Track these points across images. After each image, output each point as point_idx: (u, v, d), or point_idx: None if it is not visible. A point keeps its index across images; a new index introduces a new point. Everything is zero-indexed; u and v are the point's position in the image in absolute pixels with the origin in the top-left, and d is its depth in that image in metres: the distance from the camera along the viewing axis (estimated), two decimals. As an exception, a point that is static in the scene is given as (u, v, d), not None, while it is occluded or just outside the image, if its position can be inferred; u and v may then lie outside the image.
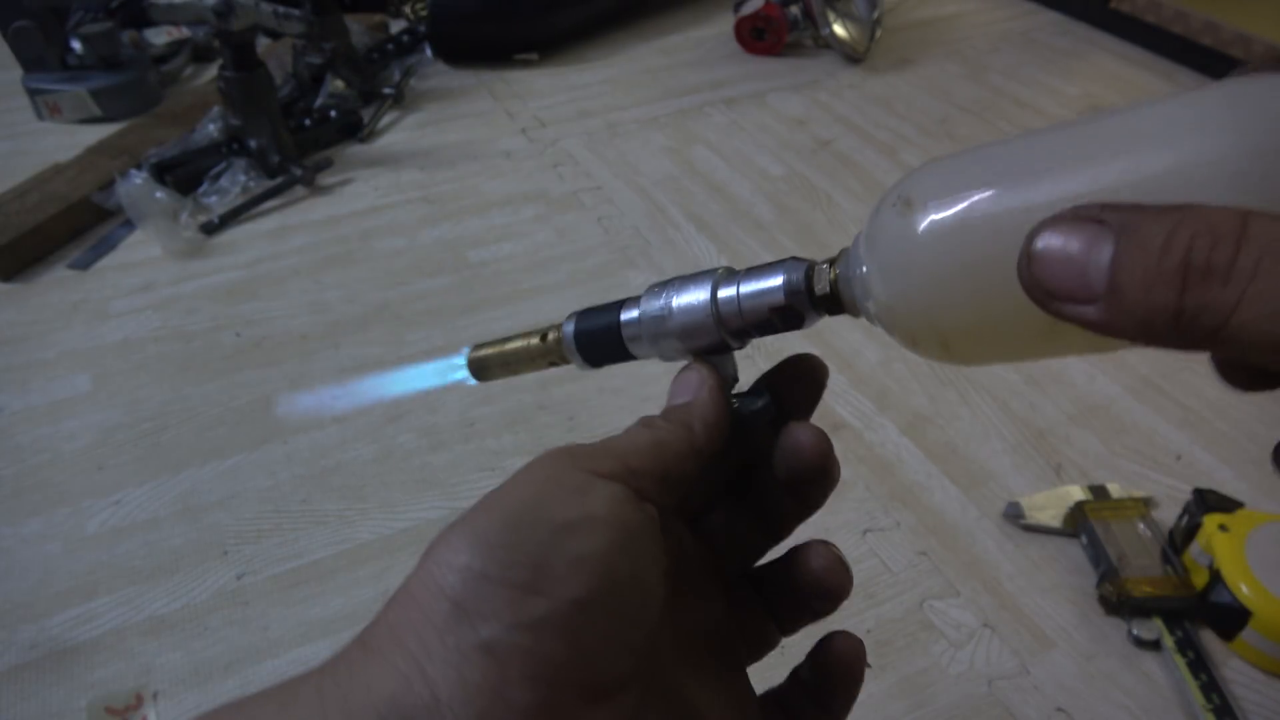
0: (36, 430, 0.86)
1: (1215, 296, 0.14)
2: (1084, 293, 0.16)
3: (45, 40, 1.32)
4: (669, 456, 0.24)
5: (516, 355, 0.30)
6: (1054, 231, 0.16)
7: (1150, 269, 0.15)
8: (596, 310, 0.29)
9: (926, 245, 0.21)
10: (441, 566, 0.19)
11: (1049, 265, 0.16)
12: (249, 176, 1.19)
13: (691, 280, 0.27)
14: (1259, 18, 1.42)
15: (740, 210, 1.17)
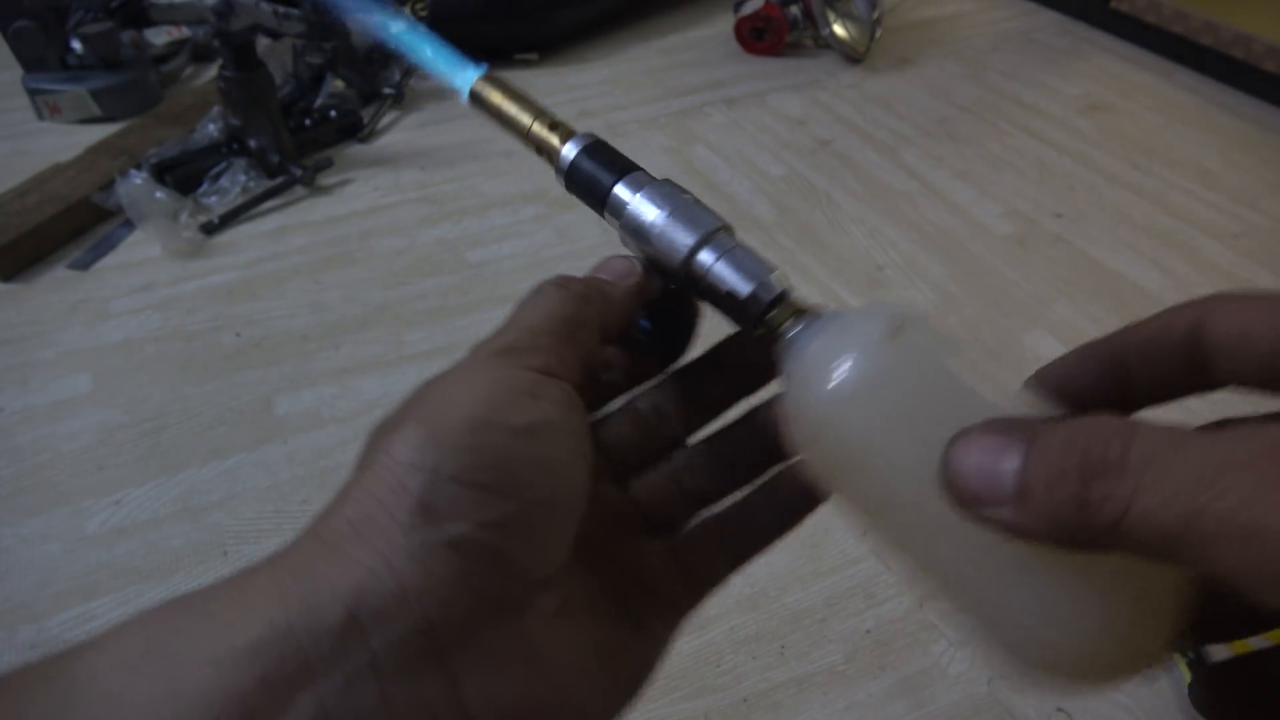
0: (36, 430, 0.86)
1: (1114, 487, 0.16)
2: (997, 497, 0.18)
3: (45, 40, 1.32)
4: (584, 338, 0.25)
5: (515, 123, 0.28)
6: (969, 441, 0.19)
7: (1053, 468, 0.17)
8: (606, 158, 0.27)
9: (838, 410, 0.22)
10: (405, 467, 0.19)
11: (965, 473, 0.18)
12: (249, 176, 1.19)
13: (692, 218, 0.27)
14: (1259, 18, 1.42)
15: (740, 210, 1.17)
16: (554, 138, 0.27)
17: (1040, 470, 0.17)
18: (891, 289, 1.03)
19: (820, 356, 0.23)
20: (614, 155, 0.27)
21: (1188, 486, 0.15)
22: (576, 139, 0.27)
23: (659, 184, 0.27)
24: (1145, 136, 1.32)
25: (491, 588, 0.20)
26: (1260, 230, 1.13)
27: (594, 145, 0.27)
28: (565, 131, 0.27)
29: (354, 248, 1.10)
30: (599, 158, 0.27)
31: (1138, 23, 1.55)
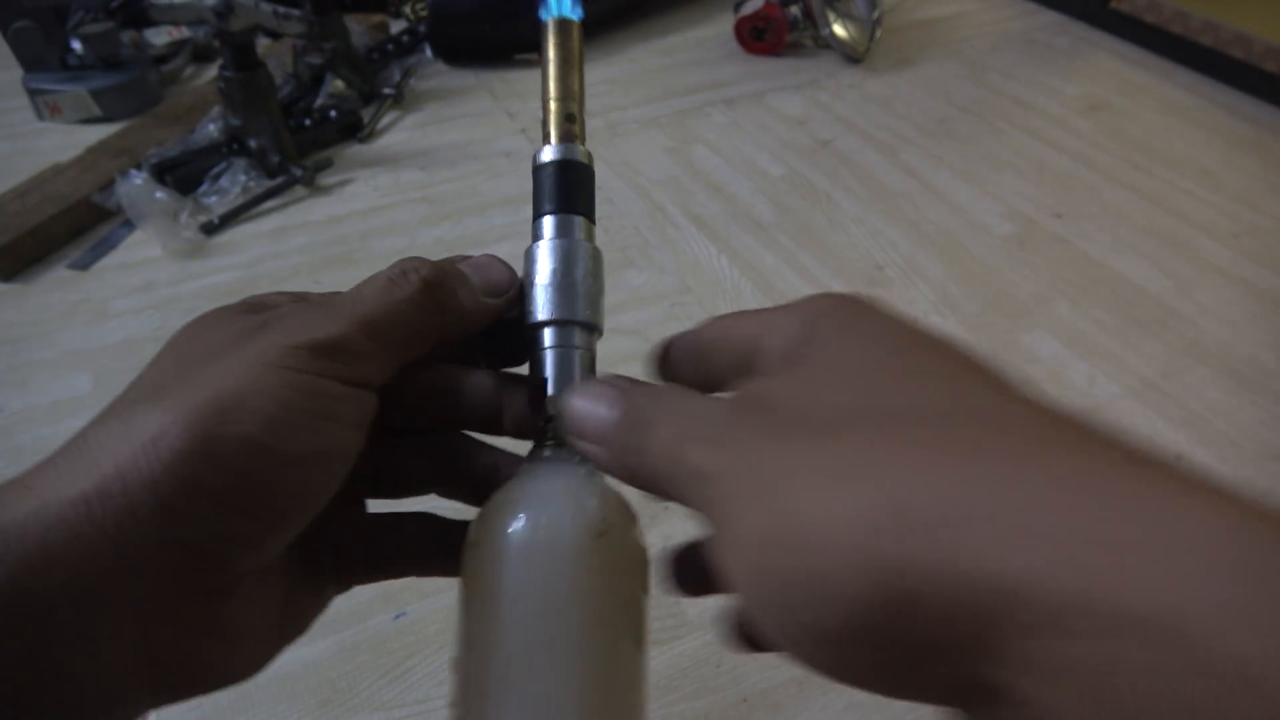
0: (36, 430, 0.86)
1: (642, 438, 0.21)
2: (595, 435, 0.22)
3: (45, 40, 1.32)
4: (419, 348, 0.25)
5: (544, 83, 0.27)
6: (589, 389, 0.23)
7: (625, 420, 0.22)
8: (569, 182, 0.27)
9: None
10: (162, 465, 0.19)
11: (579, 410, 0.23)
12: (249, 176, 1.19)
13: (571, 298, 0.26)
14: (1259, 18, 1.42)
15: (740, 210, 1.17)
16: (552, 126, 0.27)
17: (625, 431, 0.21)
18: (891, 289, 1.03)
19: (528, 499, 0.24)
20: (579, 185, 0.27)
21: (671, 440, 0.20)
22: (563, 147, 0.26)
23: (579, 246, 0.26)
24: (1145, 136, 1.32)
25: (203, 581, 0.20)
26: (1260, 230, 1.13)
27: (568, 164, 0.26)
28: (565, 130, 0.27)
29: (354, 248, 1.10)
30: (564, 178, 0.26)
31: (1138, 23, 1.55)
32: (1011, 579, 0.13)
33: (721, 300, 1.02)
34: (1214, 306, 1.01)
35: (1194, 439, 0.84)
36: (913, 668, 0.15)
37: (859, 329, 0.21)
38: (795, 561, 0.16)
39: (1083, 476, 0.14)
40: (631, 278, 1.05)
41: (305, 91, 1.34)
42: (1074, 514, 0.14)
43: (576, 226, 0.26)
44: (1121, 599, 0.13)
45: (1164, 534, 0.13)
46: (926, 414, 0.17)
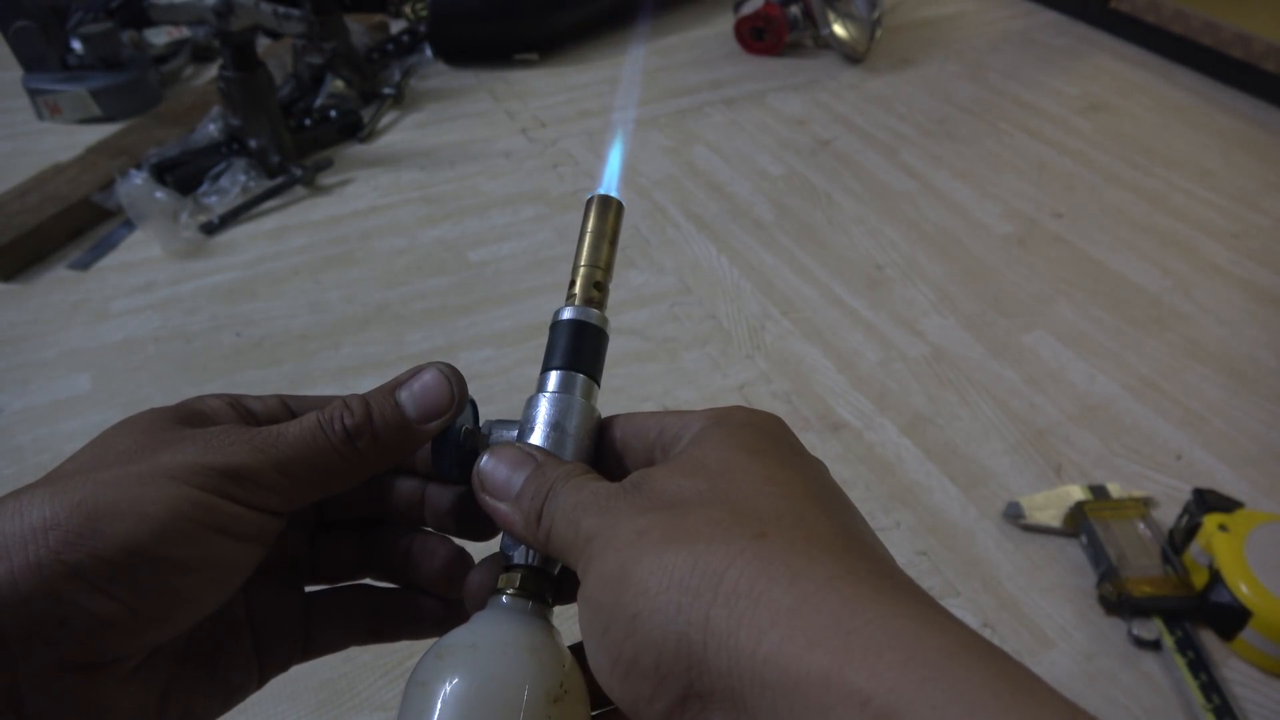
0: (36, 430, 0.86)
1: (545, 508, 0.24)
2: (504, 494, 0.25)
3: (45, 40, 1.32)
4: (333, 486, 0.25)
5: (580, 248, 0.30)
6: (500, 453, 0.26)
7: (529, 489, 0.25)
8: (582, 345, 0.28)
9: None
10: (48, 549, 0.20)
11: (489, 471, 0.25)
12: (249, 176, 1.19)
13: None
14: (1259, 18, 1.42)
15: (740, 210, 1.17)
16: (577, 289, 0.29)
17: (527, 488, 0.24)
18: (891, 289, 1.03)
19: (483, 648, 0.24)
20: (590, 347, 0.28)
21: (570, 508, 0.23)
22: (583, 310, 0.29)
23: (575, 404, 0.27)
24: (1145, 136, 1.32)
25: (79, 657, 0.21)
26: (1260, 230, 1.13)
27: (584, 326, 0.28)
28: (589, 296, 0.29)
29: (354, 248, 1.10)
30: (577, 338, 0.28)
31: (1138, 23, 1.55)
32: (780, 654, 0.17)
33: (721, 300, 1.02)
34: (1214, 306, 1.01)
35: (1194, 439, 0.84)
36: (681, 708, 0.19)
37: (734, 437, 0.24)
38: (622, 599, 0.20)
39: (840, 582, 0.19)
40: (631, 277, 1.05)
41: (305, 91, 1.34)
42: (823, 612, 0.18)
43: (578, 385, 0.28)
44: (852, 680, 0.16)
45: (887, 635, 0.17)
46: (758, 508, 0.21)
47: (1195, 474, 0.81)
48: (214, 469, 0.23)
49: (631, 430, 0.27)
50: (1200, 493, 0.71)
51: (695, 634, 0.18)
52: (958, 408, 0.88)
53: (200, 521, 0.22)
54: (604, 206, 0.29)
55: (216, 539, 0.22)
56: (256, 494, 0.23)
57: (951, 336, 0.97)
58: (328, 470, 0.25)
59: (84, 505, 0.21)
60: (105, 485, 0.22)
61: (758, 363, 0.93)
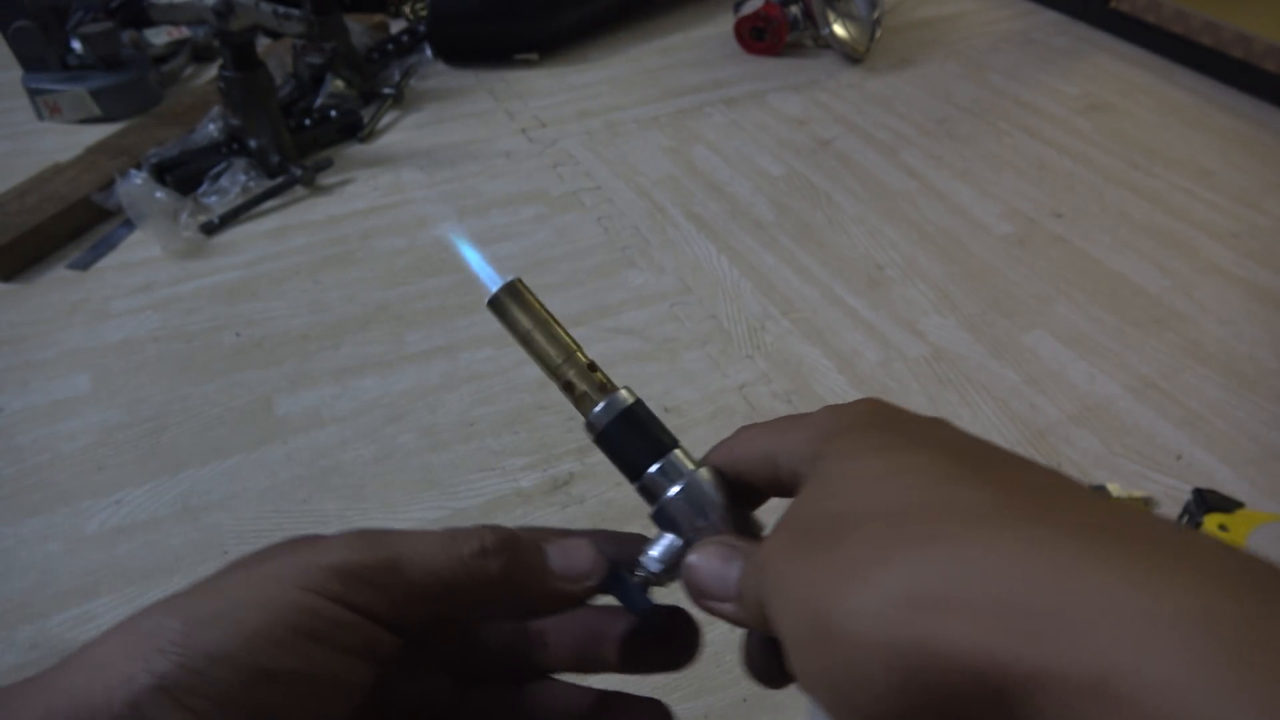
0: (36, 430, 0.86)
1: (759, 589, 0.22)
2: (725, 596, 0.23)
3: (45, 40, 1.32)
4: (461, 604, 0.23)
5: (541, 353, 0.26)
6: (702, 553, 0.24)
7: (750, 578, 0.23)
8: (643, 427, 0.26)
9: None
10: (140, 661, 0.19)
11: (699, 576, 0.23)
12: (249, 176, 1.19)
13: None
14: (1259, 18, 1.42)
15: (740, 210, 1.17)
16: (581, 386, 0.26)
17: (749, 580, 0.22)
18: (891, 289, 1.03)
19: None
20: (650, 426, 0.26)
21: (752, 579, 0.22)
22: (607, 401, 0.26)
23: (699, 482, 0.25)
24: (1145, 136, 1.32)
25: None
26: (1260, 230, 1.13)
27: (628, 415, 0.26)
28: (597, 384, 0.26)
29: (354, 248, 1.10)
30: (633, 429, 0.26)
31: (1138, 23, 1.55)
32: (1021, 664, 0.15)
33: (721, 300, 1.01)
34: (1214, 306, 1.01)
35: (1194, 438, 0.84)
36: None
37: (854, 444, 0.22)
38: (832, 661, 0.18)
39: (1043, 554, 0.16)
40: (632, 277, 1.05)
41: (305, 91, 1.34)
42: (1037, 596, 0.16)
43: (679, 463, 0.26)
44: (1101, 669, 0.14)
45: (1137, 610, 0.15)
46: (912, 511, 0.19)
47: (1195, 474, 0.81)
48: (320, 566, 0.20)
49: (743, 467, 0.26)
50: (1200, 493, 0.71)
51: (942, 665, 0.16)
52: (958, 408, 0.88)
53: (296, 626, 0.20)
54: (515, 297, 0.26)
55: (316, 648, 0.20)
56: (363, 593, 0.21)
57: (951, 336, 0.97)
58: (450, 584, 0.22)
59: (187, 610, 0.20)
60: (214, 590, 0.20)
61: (758, 363, 0.93)
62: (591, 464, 0.82)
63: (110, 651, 0.19)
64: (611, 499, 0.78)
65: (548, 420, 0.86)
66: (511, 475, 0.81)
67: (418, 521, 0.77)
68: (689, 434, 0.84)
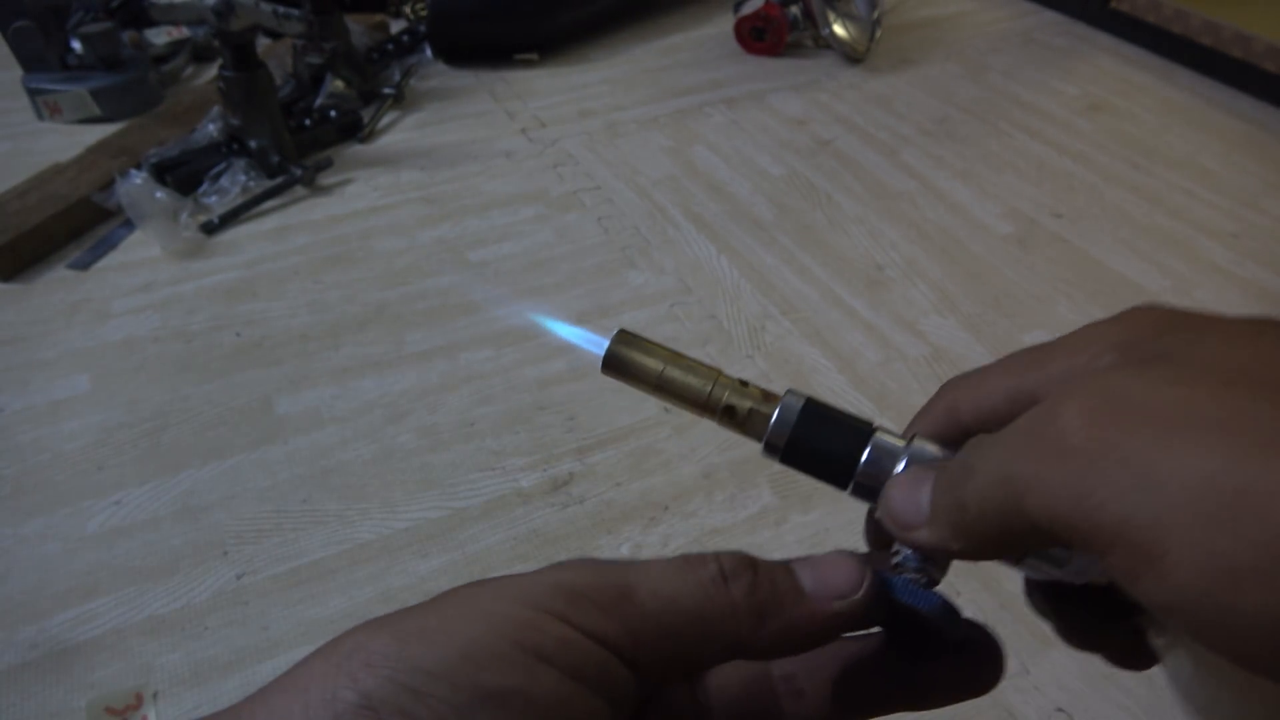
0: (36, 430, 0.86)
1: (963, 491, 0.19)
2: (916, 519, 0.20)
3: (45, 40, 1.32)
4: (702, 636, 0.19)
5: (683, 391, 0.23)
6: (897, 480, 0.21)
7: (941, 490, 0.20)
8: (830, 416, 0.23)
9: None
10: (343, 677, 0.18)
11: (892, 501, 0.21)
12: (249, 176, 1.19)
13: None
14: (1259, 18, 1.42)
15: (740, 210, 1.17)
16: (749, 402, 0.23)
17: (939, 494, 0.20)
18: (891, 289, 1.03)
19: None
20: (838, 415, 0.23)
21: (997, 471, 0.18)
22: (786, 403, 0.23)
23: (917, 455, 0.22)
24: (1145, 136, 1.32)
25: None
26: (1260, 230, 1.13)
27: (813, 407, 0.23)
28: (758, 395, 0.23)
29: (354, 248, 1.10)
30: (824, 421, 0.23)
31: (1138, 23, 1.55)
32: None
33: (721, 300, 1.01)
34: (1214, 306, 1.00)
35: (1194, 439, 0.84)
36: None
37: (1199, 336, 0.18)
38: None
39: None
40: (632, 277, 1.05)
41: (305, 91, 1.34)
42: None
43: (890, 443, 0.22)
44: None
45: None
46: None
47: (1195, 474, 0.80)
48: (544, 584, 0.19)
49: (979, 418, 0.22)
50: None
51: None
52: (958, 408, 0.88)
53: (520, 642, 0.18)
54: (628, 346, 0.24)
55: (543, 669, 0.18)
56: (592, 615, 0.18)
57: (951, 336, 0.97)
58: (689, 613, 0.19)
59: (397, 625, 0.18)
60: (426, 609, 0.19)
61: (758, 363, 0.93)
62: (591, 464, 0.82)
63: (313, 671, 0.18)
64: (612, 499, 0.78)
65: (548, 420, 0.86)
66: (511, 475, 0.81)
67: (417, 522, 0.77)
68: (689, 434, 0.84)
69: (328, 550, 0.74)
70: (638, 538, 0.74)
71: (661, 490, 0.79)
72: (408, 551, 0.74)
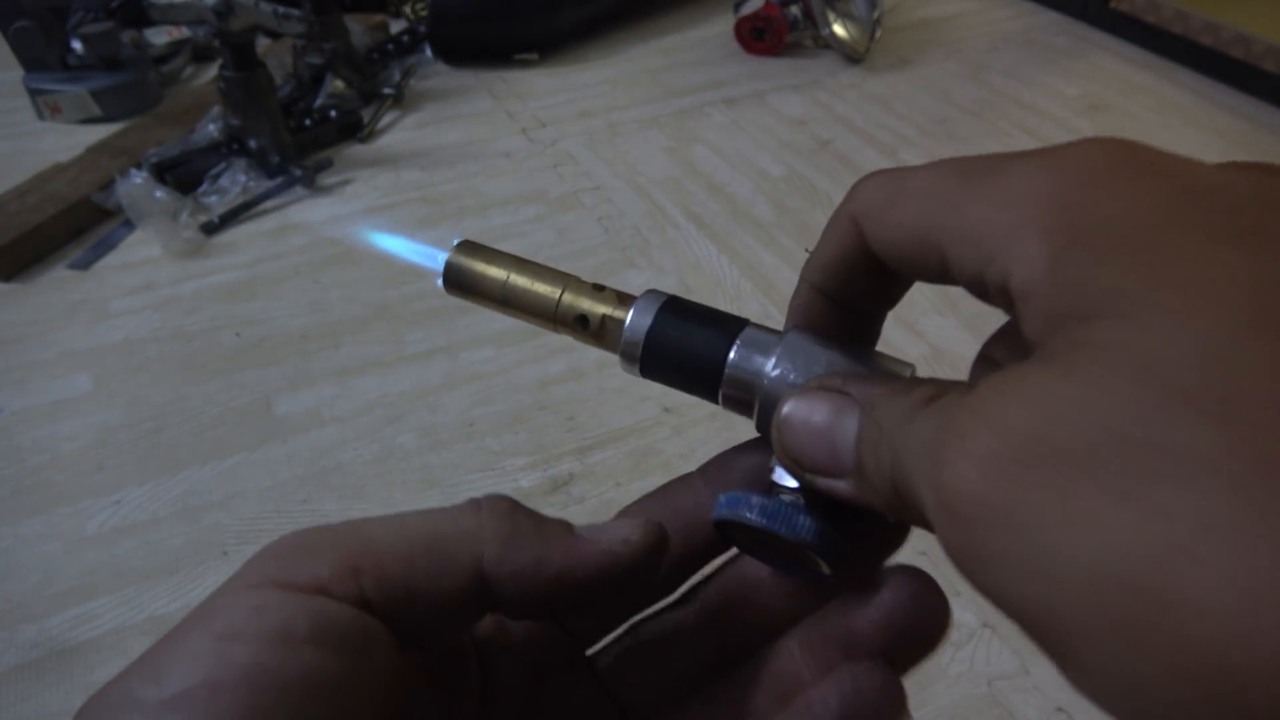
0: (36, 430, 0.86)
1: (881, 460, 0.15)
2: (834, 467, 0.16)
3: (45, 40, 1.32)
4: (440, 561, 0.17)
5: (531, 300, 0.21)
6: (799, 401, 0.17)
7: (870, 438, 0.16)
8: (692, 312, 0.20)
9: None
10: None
11: (797, 436, 0.17)
12: (249, 176, 1.19)
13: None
14: (1259, 18, 1.42)
15: (740, 210, 1.17)
16: (605, 306, 0.20)
17: (868, 453, 0.16)
18: (891, 289, 1.03)
19: None
20: (702, 312, 0.20)
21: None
22: (643, 300, 0.20)
23: (791, 345, 0.19)
24: (1145, 136, 1.32)
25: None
26: (1260, 230, 1.13)
27: (674, 302, 0.20)
28: (618, 294, 0.20)
29: (354, 248, 1.10)
30: (686, 318, 0.20)
31: (1138, 23, 1.55)
32: None
33: (722, 300, 1.01)
34: (1214, 306, 1.01)
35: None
36: None
37: (1128, 278, 0.13)
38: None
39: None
40: (631, 277, 1.05)
41: (305, 91, 1.34)
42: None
43: (762, 336, 0.19)
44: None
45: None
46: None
47: (1195, 474, 0.80)
48: (253, 560, 0.17)
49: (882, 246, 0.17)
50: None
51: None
52: (958, 408, 0.88)
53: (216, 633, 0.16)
54: (469, 254, 0.21)
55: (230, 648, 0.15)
56: (303, 565, 0.16)
57: (951, 336, 0.97)
58: (425, 537, 0.18)
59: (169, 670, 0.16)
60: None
61: (758, 363, 0.93)
62: (591, 464, 0.82)
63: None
64: (612, 499, 0.78)
65: (548, 420, 0.86)
66: (511, 475, 0.81)
67: (418, 521, 0.76)
68: (689, 434, 0.84)
69: (328, 550, 0.74)
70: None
71: (661, 490, 0.78)
72: (408, 551, 0.74)
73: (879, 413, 0.16)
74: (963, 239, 0.15)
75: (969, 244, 0.15)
